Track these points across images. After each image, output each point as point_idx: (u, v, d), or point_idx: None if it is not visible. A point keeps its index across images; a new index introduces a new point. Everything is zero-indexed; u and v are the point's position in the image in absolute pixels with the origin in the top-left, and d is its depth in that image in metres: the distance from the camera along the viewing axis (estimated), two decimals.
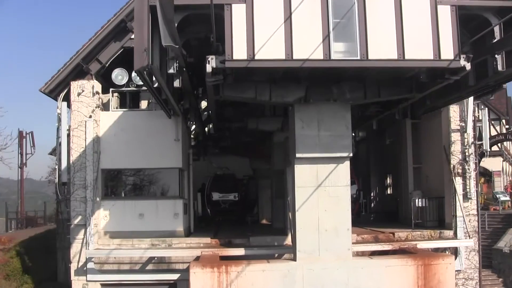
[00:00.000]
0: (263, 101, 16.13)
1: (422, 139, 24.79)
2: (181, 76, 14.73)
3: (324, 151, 15.55)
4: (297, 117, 15.62)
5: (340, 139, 15.63)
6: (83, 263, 19.29)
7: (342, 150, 15.65)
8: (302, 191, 15.68)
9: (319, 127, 15.58)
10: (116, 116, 20.56)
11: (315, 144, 15.52)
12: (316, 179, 15.73)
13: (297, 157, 15.55)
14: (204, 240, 19.45)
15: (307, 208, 15.62)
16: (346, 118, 15.75)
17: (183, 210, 20.46)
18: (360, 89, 16.10)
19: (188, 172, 22.43)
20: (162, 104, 17.26)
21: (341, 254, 15.65)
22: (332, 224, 15.67)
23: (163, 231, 19.85)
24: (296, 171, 15.74)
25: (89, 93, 20.20)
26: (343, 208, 15.76)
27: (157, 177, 21.01)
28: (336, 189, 15.77)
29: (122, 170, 20.90)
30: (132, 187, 21.15)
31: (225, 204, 30.23)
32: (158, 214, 20.16)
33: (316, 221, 15.64)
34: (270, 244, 19.33)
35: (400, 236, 19.90)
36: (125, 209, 20.20)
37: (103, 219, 20.12)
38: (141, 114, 20.79)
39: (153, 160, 20.36)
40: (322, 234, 15.61)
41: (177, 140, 20.29)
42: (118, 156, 20.32)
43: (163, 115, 19.62)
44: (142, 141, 20.35)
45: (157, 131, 20.41)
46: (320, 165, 15.75)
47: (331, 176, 15.76)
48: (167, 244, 19.37)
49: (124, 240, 19.49)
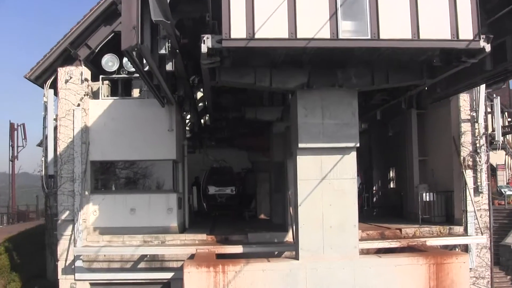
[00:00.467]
0: (263, 87, 14.95)
1: (428, 130, 23.70)
2: (174, 59, 13.56)
3: (328, 141, 14.38)
4: (300, 104, 14.44)
5: (346, 128, 14.46)
6: (71, 261, 18.13)
7: (348, 140, 14.48)
8: (305, 185, 14.52)
9: (324, 115, 14.41)
10: (106, 105, 19.36)
11: (319, 133, 14.35)
12: (320, 172, 14.57)
13: (300, 147, 14.37)
14: (199, 237, 18.29)
15: (310, 203, 14.46)
16: (352, 105, 14.59)
17: (177, 205, 19.30)
18: (367, 75, 14.93)
19: (182, 165, 21.27)
20: (154, 91, 16.04)
21: (347, 253, 14.50)
22: (337, 220, 14.52)
23: (156, 227, 18.71)
24: (299, 162, 14.57)
25: (78, 80, 18.98)
26: (349, 202, 14.61)
27: (150, 169, 19.87)
28: (341, 182, 14.61)
29: (113, 162, 19.73)
30: (123, 180, 20.00)
31: (222, 198, 29.19)
32: (150, 209, 18.98)
33: (320, 216, 14.49)
34: (270, 241, 18.21)
35: (408, 233, 18.77)
36: (115, 203, 19.02)
37: (92, 214, 18.95)
38: (132, 103, 19.58)
39: (146, 151, 19.19)
40: (326, 231, 14.46)
41: (170, 131, 19.11)
42: (108, 147, 19.13)
43: (156, 104, 18.46)
44: (133, 131, 19.17)
45: (150, 120, 19.23)
46: (325, 156, 14.58)
47: (336, 168, 14.60)
48: (160, 241, 18.21)
49: (114, 237, 18.32)
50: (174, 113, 19.21)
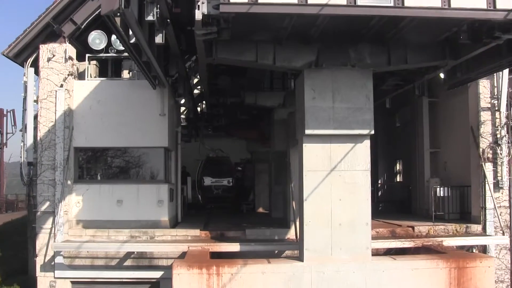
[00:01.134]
0: (266, 65, 13.23)
1: (440, 120, 22.02)
2: (165, 30, 11.79)
3: (339, 127, 12.67)
4: (307, 85, 12.72)
5: (359, 112, 12.76)
6: (50, 257, 16.42)
7: (362, 126, 12.77)
8: (312, 176, 12.82)
9: (334, 98, 12.69)
10: (92, 86, 17.61)
11: (329, 118, 12.64)
12: (329, 162, 12.86)
13: (307, 134, 12.66)
14: (192, 232, 16.61)
15: (317, 197, 12.77)
16: (367, 87, 12.87)
17: (169, 197, 17.60)
18: (383, 53, 13.22)
19: (176, 153, 19.60)
20: (144, 69, 14.27)
21: (358, 254, 12.81)
22: (347, 217, 12.83)
23: (145, 221, 17.04)
24: (305, 151, 12.86)
25: (61, 58, 17.19)
26: (361, 197, 12.94)
27: (139, 158, 18.10)
28: (353, 174, 12.93)
29: (98, 149, 17.98)
30: (109, 169, 18.26)
31: (218, 190, 27.55)
32: (139, 201, 17.27)
33: (328, 213, 12.80)
34: (270, 238, 16.54)
35: (421, 231, 17.11)
36: (101, 194, 17.30)
37: (75, 205, 17.24)
38: (121, 84, 17.83)
39: (135, 138, 17.47)
40: (335, 229, 12.77)
41: (162, 115, 17.37)
42: (93, 132, 17.40)
43: (147, 86, 16.73)
44: (122, 115, 17.44)
45: (140, 104, 17.51)
46: (335, 144, 12.88)
47: (348, 158, 12.91)
48: (148, 237, 16.52)
49: (99, 231, 16.63)
50: (167, 97, 17.47)
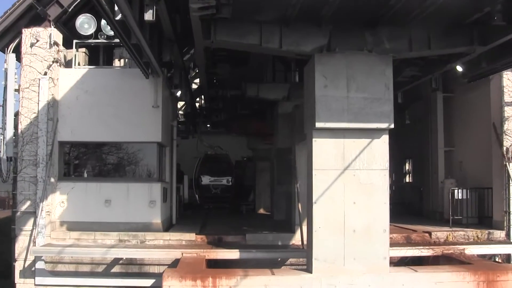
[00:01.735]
0: (271, 49, 11.68)
1: (456, 116, 20.49)
2: (156, 6, 10.24)
3: (354, 119, 11.13)
4: (318, 71, 11.15)
5: (377, 103, 11.22)
6: (31, 262, 14.84)
7: (380, 119, 11.25)
8: (322, 176, 11.27)
9: (349, 86, 11.14)
10: (80, 75, 16.05)
11: (342, 109, 11.09)
12: (342, 160, 11.32)
13: (317, 127, 11.10)
14: (187, 236, 15.06)
15: (328, 200, 11.22)
16: (386, 75, 11.33)
17: (162, 197, 16.05)
18: (403, 38, 11.69)
19: (171, 149, 18.03)
20: (133, 53, 12.70)
21: (375, 265, 11.23)
22: (363, 222, 11.27)
23: (135, 223, 15.51)
24: (315, 147, 11.31)
25: (46, 43, 15.61)
26: (378, 200, 11.37)
27: (130, 153, 16.56)
28: (369, 173, 11.38)
29: (85, 143, 16.42)
30: (97, 165, 16.66)
31: (217, 189, 26.02)
32: (129, 201, 15.70)
33: (341, 217, 11.24)
34: (273, 244, 15.01)
35: (439, 237, 15.55)
36: (87, 193, 15.74)
37: (59, 205, 15.70)
38: (111, 73, 16.30)
39: (125, 131, 15.90)
40: (349, 237, 11.22)
41: (156, 107, 15.81)
42: (80, 125, 15.84)
43: (139, 75, 15.18)
44: (111, 107, 15.89)
45: (132, 95, 15.95)
46: (349, 139, 11.34)
47: (363, 156, 11.38)
48: (139, 241, 14.98)
49: (84, 234, 15.10)
50: (161, 87, 15.91)
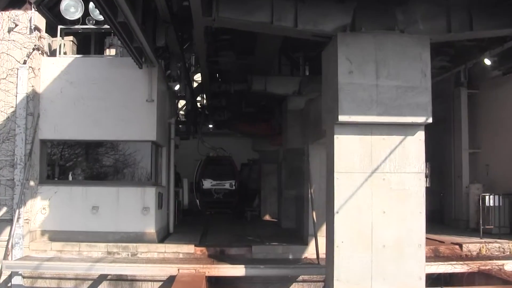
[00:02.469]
0: (284, 29, 9.80)
1: (481, 115, 18.63)
2: None
3: (385, 112, 9.23)
4: (342, 54, 9.27)
5: (412, 93, 9.33)
6: (7, 277, 12.97)
7: (416, 112, 9.36)
8: (346, 180, 9.37)
9: (378, 73, 9.26)
10: (64, 65, 14.23)
11: (370, 100, 9.20)
12: (369, 161, 9.42)
13: (340, 121, 9.22)
14: (185, 248, 13.23)
15: (353, 209, 9.31)
16: (422, 59, 9.43)
17: (157, 203, 14.18)
18: (441, 16, 9.83)
19: (168, 150, 16.17)
20: (121, 35, 10.85)
21: (408, 286, 9.31)
22: (394, 235, 9.36)
23: (126, 233, 13.70)
24: (337, 146, 9.41)
25: (25, 28, 13.84)
26: (412, 209, 9.46)
27: (121, 154, 14.71)
28: (401, 177, 9.47)
29: (70, 141, 14.57)
30: (83, 167, 14.80)
31: (219, 194, 24.12)
32: (119, 207, 13.85)
33: (368, 230, 9.34)
34: (282, 257, 13.13)
35: (471, 250, 13.67)
36: (72, 198, 13.89)
37: (40, 212, 13.84)
38: (100, 63, 14.47)
39: (116, 128, 14.07)
40: (377, 253, 9.31)
41: (150, 101, 13.98)
42: (64, 121, 14.03)
43: (131, 65, 13.44)
44: (100, 101, 14.08)
45: (123, 87, 14.17)
46: (377, 137, 9.44)
47: (395, 156, 9.47)
48: (129, 253, 13.15)
49: (68, 245, 13.32)
50: (156, 78, 14.07)
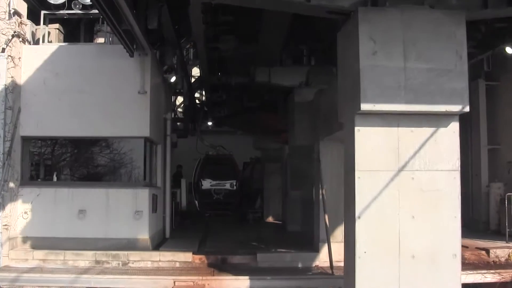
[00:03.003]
0: (295, 4, 8.43)
1: (502, 109, 17.20)
2: None
3: (415, 100, 7.85)
4: (364, 33, 7.88)
5: (446, 78, 7.92)
6: None
7: (450, 100, 7.96)
8: (368, 180, 7.99)
9: (407, 54, 7.87)
10: (48, 53, 12.88)
11: (398, 86, 7.82)
12: (395, 157, 8.04)
13: (363, 111, 7.83)
14: (181, 257, 11.86)
15: (378, 214, 7.94)
16: (457, 39, 8.04)
17: (151, 206, 12.82)
18: None
19: (163, 147, 14.83)
20: (107, 15, 9.51)
21: None
22: (425, 244, 7.98)
23: (117, 240, 12.34)
24: (358, 140, 8.03)
25: (4, 13, 12.44)
26: (446, 213, 8.09)
27: (111, 152, 13.39)
28: (433, 176, 8.10)
29: (55, 138, 13.22)
30: (69, 167, 13.45)
31: (219, 195, 22.77)
32: (109, 211, 12.49)
33: (394, 238, 7.96)
34: (291, 266, 11.77)
35: (498, 256, 12.30)
36: (56, 201, 12.55)
37: (21, 217, 12.50)
38: (88, 51, 13.13)
39: (105, 124, 12.73)
40: (405, 264, 7.93)
41: (143, 93, 12.62)
42: (48, 116, 12.69)
43: (122, 54, 12.20)
44: (88, 93, 12.74)
45: (113, 78, 12.83)
46: (405, 129, 8.07)
47: (425, 151, 8.10)
48: (120, 262, 11.78)
49: (51, 253, 11.96)
50: (149, 68, 12.71)
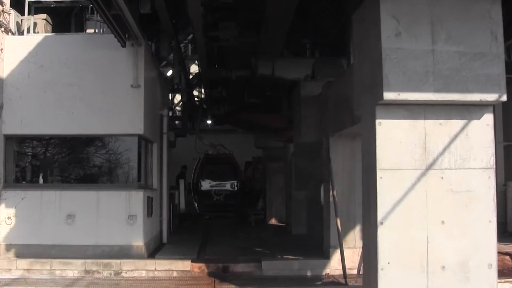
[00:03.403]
0: None
1: None
2: None
3: (444, 88, 6.83)
4: (386, 11, 6.85)
5: (479, 62, 6.90)
6: None
7: (485, 88, 6.91)
8: (392, 180, 6.96)
9: (435, 36, 6.86)
10: (33, 44, 11.88)
11: (425, 71, 6.80)
12: (422, 153, 7.02)
13: (386, 100, 6.81)
14: (179, 265, 10.83)
15: (403, 219, 6.91)
16: (492, 18, 7.01)
17: (146, 209, 11.80)
18: None
19: (159, 146, 13.81)
20: None
21: None
22: (456, 253, 6.97)
23: (109, 247, 11.35)
24: (380, 134, 7.01)
25: None
26: (480, 217, 7.05)
27: (102, 151, 12.33)
28: (465, 175, 7.06)
29: (40, 137, 12.20)
30: (57, 167, 12.42)
31: (219, 196, 21.75)
32: (100, 215, 11.48)
33: (422, 246, 6.94)
34: (299, 275, 10.75)
35: None
36: (43, 205, 11.54)
37: (5, 223, 11.52)
38: (76, 42, 12.12)
39: (95, 121, 11.72)
40: (435, 276, 6.91)
41: (136, 87, 11.60)
42: (33, 112, 11.70)
43: (113, 45, 11.28)
44: (76, 87, 11.76)
45: (103, 70, 11.83)
46: (432, 121, 7.05)
47: (456, 147, 7.08)
48: (112, 272, 10.77)
49: (37, 262, 10.91)
50: (142, 59, 11.69)
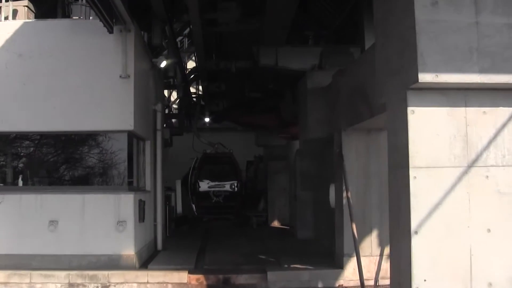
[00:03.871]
0: None
1: None
2: None
3: (491, 68, 5.65)
4: None
5: None
6: None
7: None
8: (428, 180, 5.76)
9: (479, 5, 5.67)
10: (10, 31, 10.72)
11: (469, 48, 5.62)
12: (463, 147, 5.84)
13: (421, 83, 5.60)
14: (175, 277, 9.67)
15: (440, 226, 5.74)
16: None
17: (137, 214, 10.63)
18: None
19: (153, 144, 12.64)
20: None
21: None
22: (506, 267, 5.81)
23: (95, 257, 10.16)
24: (413, 125, 5.81)
25: None
26: None
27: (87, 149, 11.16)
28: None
29: (19, 134, 11.03)
30: (38, 169, 11.24)
31: (218, 197, 20.60)
32: (85, 221, 10.30)
33: (465, 258, 5.76)
34: (309, 286, 9.62)
35: None
36: (22, 210, 10.37)
37: None
38: (58, 28, 10.94)
39: (79, 116, 10.54)
40: None
41: (125, 77, 10.42)
42: (10, 107, 10.55)
43: (99, 31, 10.17)
44: (58, 78, 10.61)
45: (89, 60, 10.66)
46: (475, 109, 5.87)
47: (503, 141, 5.91)
48: (99, 285, 9.62)
49: (15, 274, 9.76)
50: (132, 47, 10.52)
